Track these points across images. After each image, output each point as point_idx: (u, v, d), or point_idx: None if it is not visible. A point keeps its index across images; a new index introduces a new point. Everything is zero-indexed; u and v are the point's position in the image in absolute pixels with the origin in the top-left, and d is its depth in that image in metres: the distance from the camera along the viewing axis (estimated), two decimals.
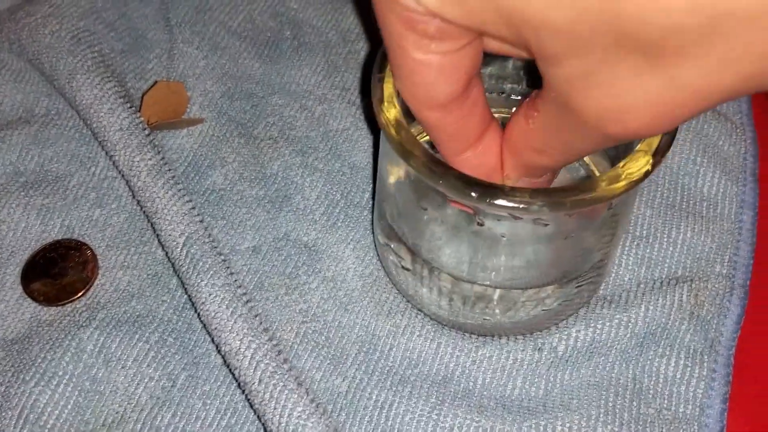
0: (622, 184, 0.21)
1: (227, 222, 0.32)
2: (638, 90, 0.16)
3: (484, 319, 0.27)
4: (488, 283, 0.25)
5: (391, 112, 0.23)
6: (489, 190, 0.21)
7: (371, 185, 0.33)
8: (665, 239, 0.31)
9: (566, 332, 0.28)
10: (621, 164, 0.21)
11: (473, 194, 0.21)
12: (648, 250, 0.31)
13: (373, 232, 0.31)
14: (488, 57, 0.29)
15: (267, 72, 0.36)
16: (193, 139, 0.34)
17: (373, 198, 0.33)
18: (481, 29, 0.17)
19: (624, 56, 0.16)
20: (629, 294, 0.29)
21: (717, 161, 0.33)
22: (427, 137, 0.23)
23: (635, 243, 0.31)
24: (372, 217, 0.32)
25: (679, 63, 0.15)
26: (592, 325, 0.28)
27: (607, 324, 0.29)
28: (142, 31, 0.37)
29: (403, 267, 0.28)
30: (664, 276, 0.30)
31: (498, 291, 0.26)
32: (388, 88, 0.23)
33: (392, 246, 0.28)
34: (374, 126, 0.34)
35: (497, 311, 0.26)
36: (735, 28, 0.14)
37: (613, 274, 0.30)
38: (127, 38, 0.37)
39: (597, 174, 0.27)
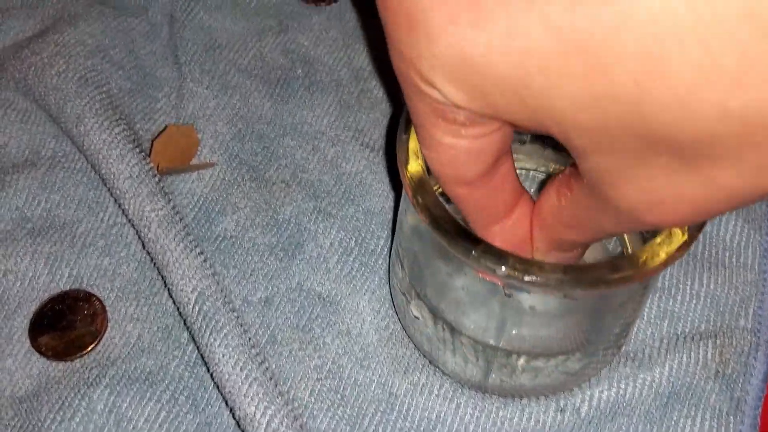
0: (657, 261, 0.20)
1: (239, 271, 0.31)
2: (673, 187, 0.16)
3: (506, 381, 0.26)
4: (513, 349, 0.25)
5: (415, 170, 0.22)
6: (520, 265, 0.20)
7: (386, 231, 0.32)
8: (688, 291, 0.30)
9: (589, 392, 0.28)
10: (657, 240, 0.20)
11: (504, 269, 0.20)
12: (671, 303, 0.30)
13: (389, 283, 0.31)
14: None
15: (278, 112, 0.36)
16: (203, 183, 0.33)
17: (390, 246, 0.32)
18: (510, 121, 0.17)
19: (656, 156, 0.15)
20: (652, 351, 0.29)
21: (739, 209, 0.32)
22: None
23: (657, 295, 0.30)
24: (388, 266, 0.31)
25: (715, 165, 0.15)
26: (615, 384, 0.28)
27: (631, 384, 0.28)
28: (151, 69, 0.36)
29: (422, 324, 0.27)
30: (687, 331, 0.29)
31: (522, 357, 0.25)
32: (414, 147, 0.23)
33: (412, 303, 0.27)
34: (394, 173, 0.34)
35: (520, 375, 0.26)
36: None
37: (636, 329, 0.29)
38: (135, 77, 0.36)
39: (629, 249, 0.27)
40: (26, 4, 0.38)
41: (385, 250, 0.32)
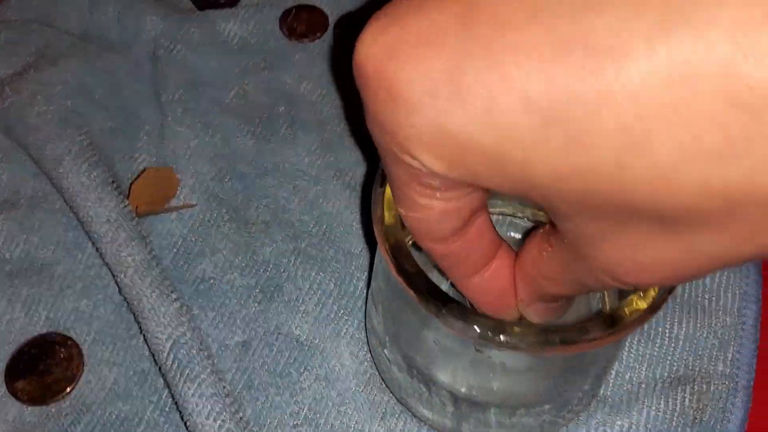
0: (627, 322, 0.20)
1: (217, 314, 0.31)
2: (653, 251, 0.16)
3: (480, 430, 0.26)
4: (484, 401, 0.25)
5: (389, 224, 0.22)
6: (490, 326, 0.20)
7: (365, 274, 0.32)
8: (667, 335, 0.30)
9: None
10: (627, 301, 0.20)
11: (474, 329, 0.20)
12: (650, 347, 0.30)
13: (366, 328, 0.30)
14: None
15: (260, 151, 0.36)
16: (182, 223, 0.33)
17: (367, 289, 0.32)
18: (490, 188, 0.17)
19: (637, 223, 0.15)
20: (630, 396, 0.29)
21: None
22: None
23: (636, 339, 0.30)
24: (365, 311, 0.31)
25: (696, 233, 0.15)
26: (593, 431, 0.28)
27: (608, 430, 0.28)
28: (133, 108, 0.37)
29: (396, 371, 0.27)
30: (666, 375, 0.29)
31: (494, 408, 0.25)
32: (388, 200, 0.23)
33: (386, 349, 0.27)
34: (368, 220, 0.34)
35: (493, 426, 0.26)
36: (754, 211, 0.14)
37: (614, 373, 0.29)
38: (117, 116, 0.36)
39: (608, 304, 0.27)
40: (8, 41, 0.38)
41: (364, 292, 0.32)
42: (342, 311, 0.31)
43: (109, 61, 0.38)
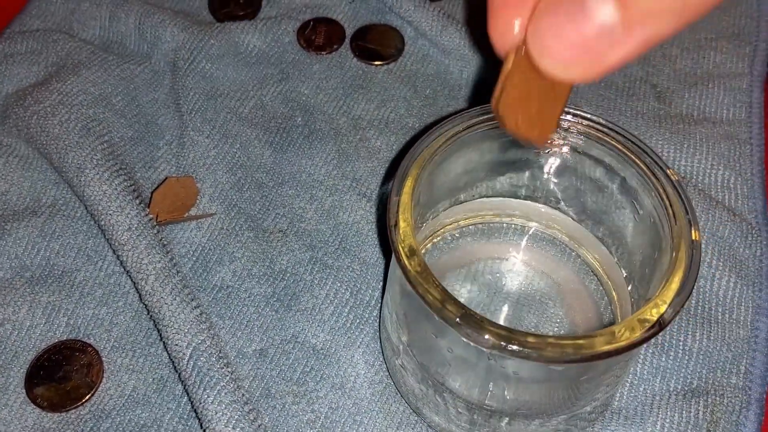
0: (633, 337, 0.20)
1: (234, 322, 0.31)
2: None
3: None
4: (496, 409, 0.25)
5: (404, 231, 0.22)
6: (503, 335, 0.20)
7: (381, 283, 0.33)
8: (681, 347, 0.30)
9: None
10: (637, 316, 0.21)
11: (486, 338, 0.20)
12: (663, 359, 0.30)
13: (380, 337, 0.31)
14: (507, 166, 0.29)
15: (278, 161, 0.36)
16: (201, 232, 0.34)
17: (382, 298, 0.32)
18: None
19: None
20: (644, 408, 0.29)
21: (732, 264, 0.32)
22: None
23: (650, 351, 0.30)
24: (379, 320, 0.31)
25: None
26: None
27: None
28: (152, 117, 0.37)
29: (409, 379, 0.27)
30: (679, 388, 0.30)
31: (506, 417, 0.25)
32: (404, 206, 0.23)
33: (399, 359, 0.27)
34: (384, 230, 0.34)
35: None
36: None
37: (628, 385, 0.30)
38: (136, 125, 0.36)
39: (620, 318, 0.27)
40: (30, 51, 0.39)
41: (380, 302, 0.32)
42: (358, 320, 0.31)
43: (128, 70, 0.38)
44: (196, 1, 0.42)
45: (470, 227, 0.32)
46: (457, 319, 0.21)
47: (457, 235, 0.32)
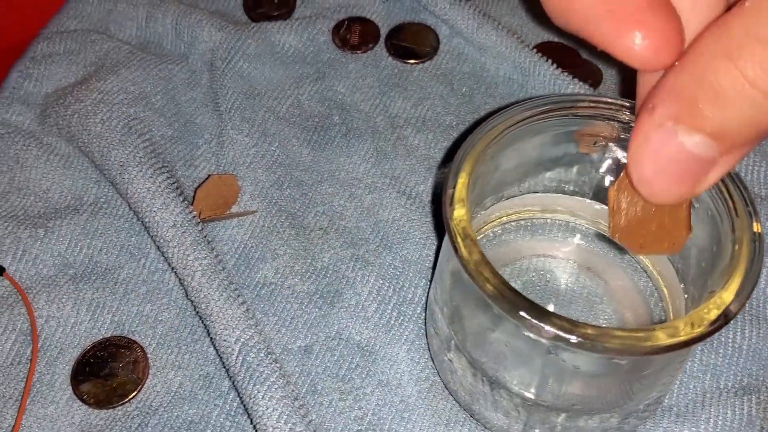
0: (701, 329, 0.20)
1: (278, 319, 0.31)
2: None
3: None
4: (553, 405, 0.25)
5: (461, 217, 0.22)
6: (566, 326, 0.20)
7: (423, 280, 0.32)
8: (730, 345, 0.30)
9: None
10: (702, 307, 0.20)
11: (549, 329, 0.20)
12: (713, 357, 0.30)
13: (426, 333, 0.31)
14: (551, 163, 0.29)
15: (316, 159, 0.36)
16: (243, 229, 0.34)
17: (427, 295, 0.32)
18: None
19: None
20: (696, 405, 0.29)
21: None
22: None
23: (699, 348, 0.30)
24: (425, 316, 0.31)
25: None
26: None
27: None
28: (191, 116, 0.37)
29: (461, 376, 0.27)
30: (730, 385, 0.29)
31: (563, 414, 0.25)
32: (459, 196, 0.23)
33: (450, 354, 0.27)
34: (438, 219, 0.34)
35: (559, 430, 0.26)
36: None
37: (678, 382, 0.29)
38: (176, 124, 0.37)
39: (671, 314, 0.27)
40: (68, 51, 0.39)
41: (423, 299, 0.32)
42: (401, 317, 0.31)
43: (166, 70, 0.38)
44: (230, 1, 0.43)
45: (512, 224, 0.32)
46: (519, 311, 0.21)
47: (499, 231, 0.32)
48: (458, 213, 0.23)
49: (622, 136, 0.27)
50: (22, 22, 0.40)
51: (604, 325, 0.21)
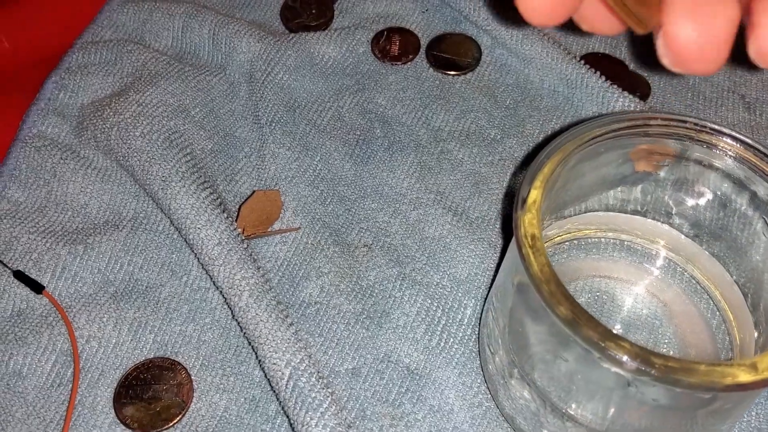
0: None
1: (325, 339, 0.30)
2: None
3: None
4: None
5: (540, 246, 0.21)
6: (650, 359, 0.19)
7: (473, 300, 0.31)
8: None
9: None
10: None
11: (631, 361, 0.19)
12: None
13: (479, 357, 0.30)
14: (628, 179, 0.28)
15: (359, 173, 0.35)
16: (287, 246, 0.33)
17: (478, 317, 0.31)
18: None
19: None
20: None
21: None
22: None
23: None
24: (478, 339, 0.30)
25: None
26: None
27: None
28: (231, 129, 0.36)
29: (523, 406, 0.26)
30: None
31: None
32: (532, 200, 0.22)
33: (512, 381, 0.26)
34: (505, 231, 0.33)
35: None
36: None
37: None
38: (215, 137, 0.36)
39: (738, 351, 0.26)
40: (104, 61, 0.38)
41: (473, 320, 0.31)
42: (452, 339, 0.30)
43: (204, 81, 0.37)
44: (267, 12, 0.42)
45: (566, 243, 0.31)
46: (598, 341, 0.20)
47: (550, 252, 0.31)
48: (536, 233, 0.22)
49: (689, 155, 0.26)
50: (56, 32, 0.40)
51: (682, 357, 0.20)
